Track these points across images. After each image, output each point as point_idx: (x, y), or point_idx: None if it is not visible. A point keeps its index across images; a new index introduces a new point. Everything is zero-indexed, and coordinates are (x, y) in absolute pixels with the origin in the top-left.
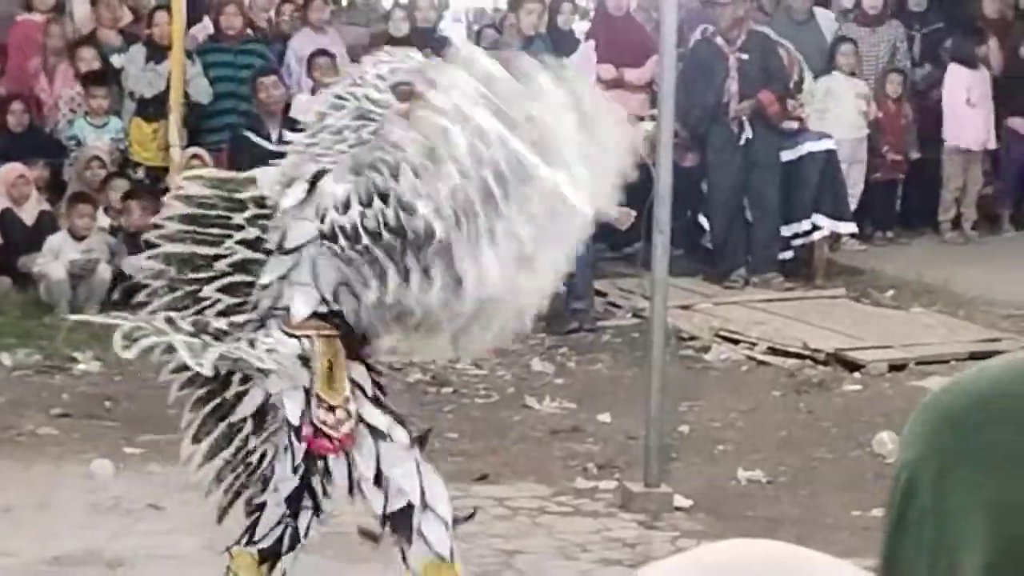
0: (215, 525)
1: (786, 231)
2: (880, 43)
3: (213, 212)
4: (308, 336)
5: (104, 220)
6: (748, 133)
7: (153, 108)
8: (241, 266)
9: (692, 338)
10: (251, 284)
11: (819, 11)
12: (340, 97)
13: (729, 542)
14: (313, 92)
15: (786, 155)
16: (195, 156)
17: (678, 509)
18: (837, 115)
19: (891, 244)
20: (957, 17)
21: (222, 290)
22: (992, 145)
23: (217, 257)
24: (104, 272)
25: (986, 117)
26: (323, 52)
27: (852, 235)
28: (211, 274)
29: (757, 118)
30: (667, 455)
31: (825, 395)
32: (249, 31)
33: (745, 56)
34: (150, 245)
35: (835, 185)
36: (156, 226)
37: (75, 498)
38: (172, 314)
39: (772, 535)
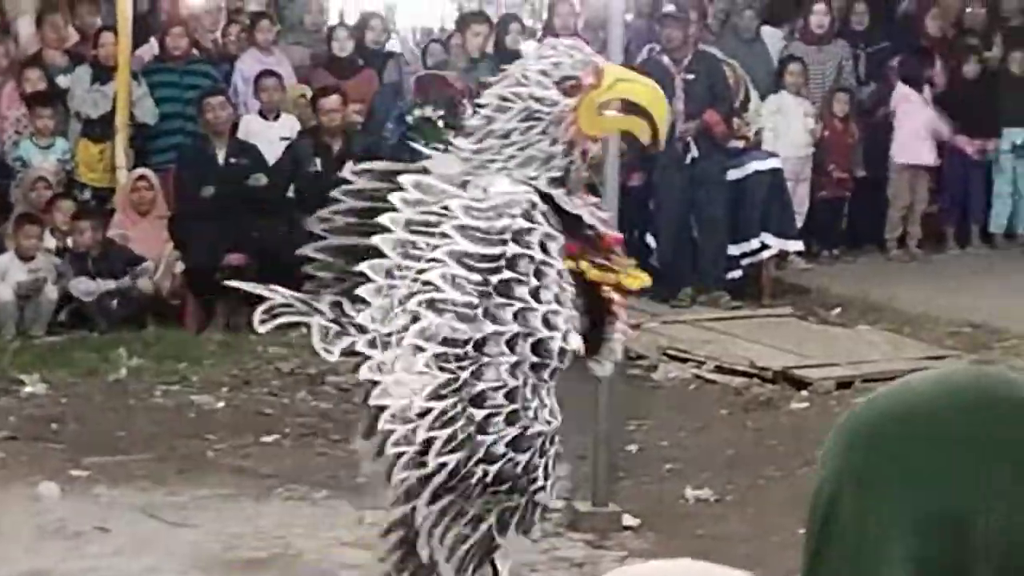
0: (161, 547)
1: (734, 250)
2: (826, 62)
3: (381, 204)
4: None
5: (51, 241)
6: (694, 152)
7: (99, 129)
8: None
9: (640, 357)
10: None
11: (766, 30)
12: (505, 99)
13: (641, 564)
14: (261, 113)
15: (732, 174)
16: (141, 177)
17: (626, 528)
18: (784, 133)
19: (837, 262)
20: (901, 36)
21: None
22: (935, 162)
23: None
24: (51, 293)
25: (931, 135)
26: (270, 72)
27: (798, 253)
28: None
29: (703, 138)
30: (615, 474)
31: (773, 413)
32: (195, 52)
33: (691, 76)
34: (317, 237)
35: (782, 203)
36: (323, 219)
37: (21, 521)
38: (337, 299)
39: (720, 554)
